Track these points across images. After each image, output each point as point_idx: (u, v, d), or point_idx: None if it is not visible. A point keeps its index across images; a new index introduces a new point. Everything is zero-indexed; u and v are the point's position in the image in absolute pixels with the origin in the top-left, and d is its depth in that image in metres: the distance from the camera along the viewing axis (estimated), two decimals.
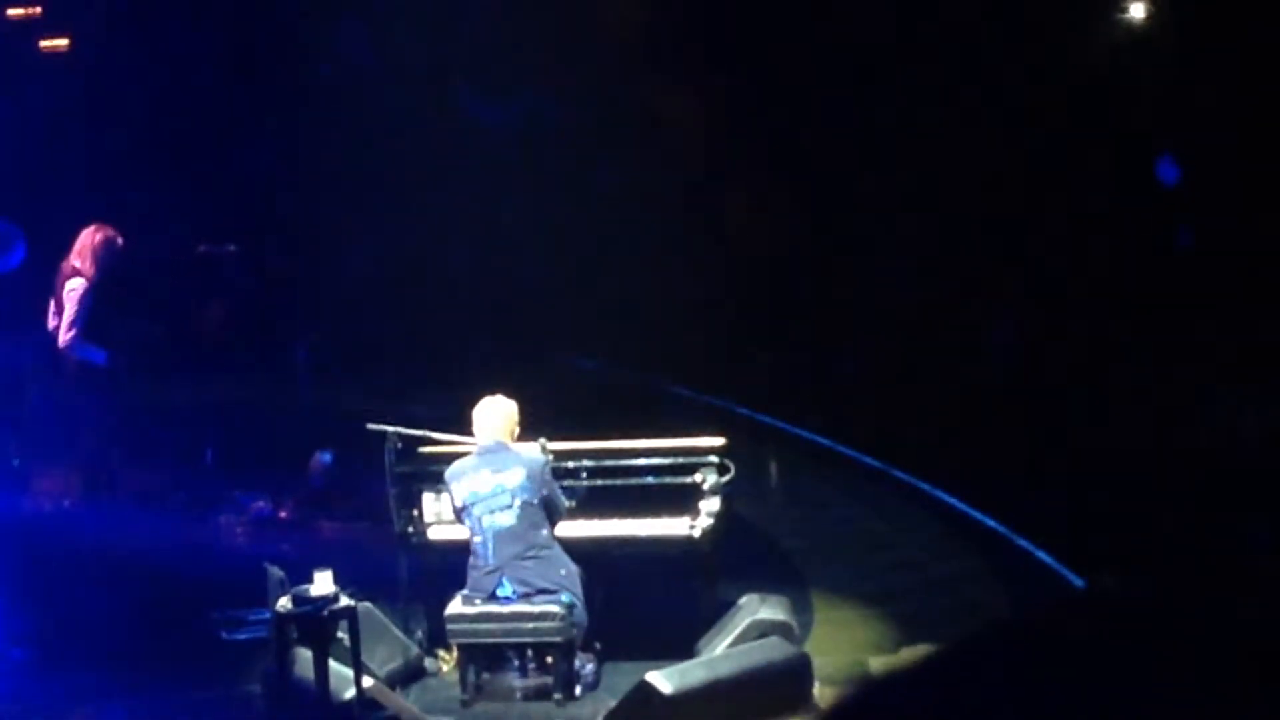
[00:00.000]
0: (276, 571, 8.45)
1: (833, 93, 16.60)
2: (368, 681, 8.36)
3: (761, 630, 8.86)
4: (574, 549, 8.92)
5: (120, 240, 11.24)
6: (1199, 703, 2.71)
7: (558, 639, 8.64)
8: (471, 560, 8.83)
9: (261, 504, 12.04)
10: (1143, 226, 15.21)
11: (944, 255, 15.64)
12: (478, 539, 8.79)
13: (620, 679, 8.77)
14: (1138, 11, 15.94)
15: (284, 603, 8.24)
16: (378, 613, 8.99)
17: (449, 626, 8.78)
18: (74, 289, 11.07)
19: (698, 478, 9.20)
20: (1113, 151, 15.52)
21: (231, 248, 14.27)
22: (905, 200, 16.05)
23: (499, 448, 8.86)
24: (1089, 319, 14.78)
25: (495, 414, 8.94)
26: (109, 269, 11.15)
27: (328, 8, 17.29)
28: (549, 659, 8.76)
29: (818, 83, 16.62)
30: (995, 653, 2.95)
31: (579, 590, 8.78)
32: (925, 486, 12.51)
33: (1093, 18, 16.26)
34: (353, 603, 8.31)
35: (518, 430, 8.99)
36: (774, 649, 8.68)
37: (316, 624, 8.16)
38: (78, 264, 11.12)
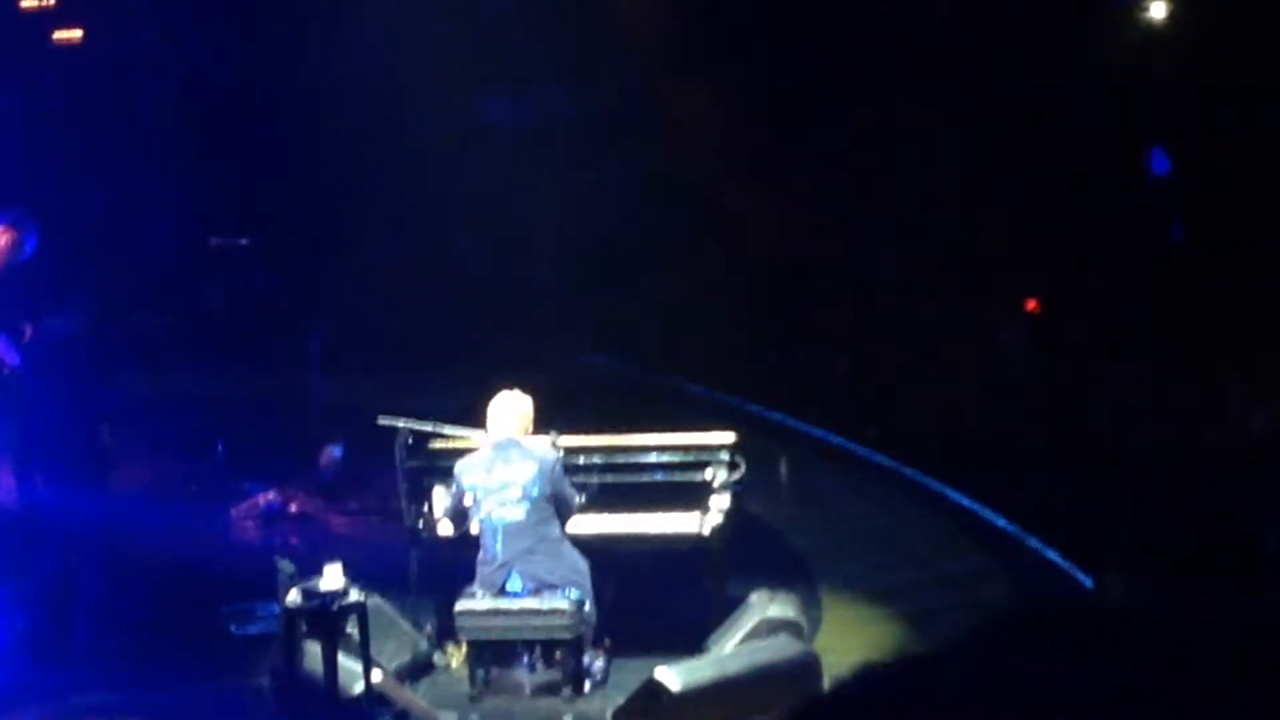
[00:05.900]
0: (286, 565, 8.46)
1: (846, 90, 16.58)
2: (377, 675, 8.36)
3: (771, 627, 8.85)
4: (584, 544, 8.92)
5: (11, 238, 10.97)
6: (1205, 702, 2.71)
7: (567, 635, 8.64)
8: (481, 555, 8.82)
9: (272, 497, 12.05)
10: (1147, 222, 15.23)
11: (955, 255, 15.62)
12: (487, 534, 8.79)
13: (629, 675, 8.77)
14: (1158, 11, 15.90)
15: (294, 596, 8.24)
16: (387, 607, 8.99)
17: (458, 621, 8.79)
18: None
19: (708, 474, 9.19)
20: (1128, 148, 15.51)
21: (244, 240, 14.25)
22: (917, 199, 16.03)
23: (512, 443, 8.84)
24: (1097, 316, 14.78)
25: (511, 409, 8.92)
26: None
27: (343, 2, 17.29)
28: (558, 654, 8.76)
29: (831, 80, 16.60)
30: (1001, 648, 2.94)
31: (588, 586, 8.78)
32: (935, 484, 12.49)
33: (1108, 16, 16.24)
34: (362, 597, 8.31)
35: (532, 427, 8.98)
36: (783, 646, 8.67)
37: (326, 618, 8.16)
38: None
